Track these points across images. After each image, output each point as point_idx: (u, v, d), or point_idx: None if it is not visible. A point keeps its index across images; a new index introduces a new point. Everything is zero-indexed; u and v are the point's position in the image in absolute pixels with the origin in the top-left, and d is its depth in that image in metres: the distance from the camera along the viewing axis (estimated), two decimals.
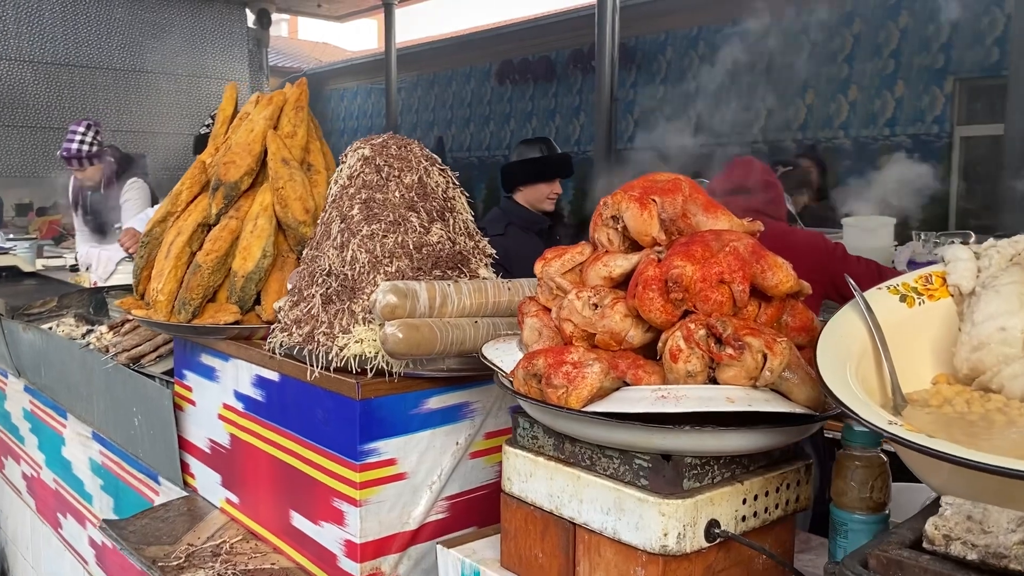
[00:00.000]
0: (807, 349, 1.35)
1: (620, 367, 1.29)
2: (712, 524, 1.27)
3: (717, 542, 1.28)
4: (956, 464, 0.91)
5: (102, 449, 2.91)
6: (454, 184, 1.95)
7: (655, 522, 1.24)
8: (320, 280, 1.86)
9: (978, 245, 1.37)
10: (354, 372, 1.75)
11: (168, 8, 10.17)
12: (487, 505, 1.89)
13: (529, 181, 4.09)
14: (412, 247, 1.79)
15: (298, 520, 1.94)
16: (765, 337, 1.21)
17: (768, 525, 1.36)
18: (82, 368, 2.96)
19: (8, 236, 6.50)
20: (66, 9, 9.54)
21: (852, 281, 1.31)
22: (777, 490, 1.37)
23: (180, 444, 2.42)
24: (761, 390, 1.23)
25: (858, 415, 1.03)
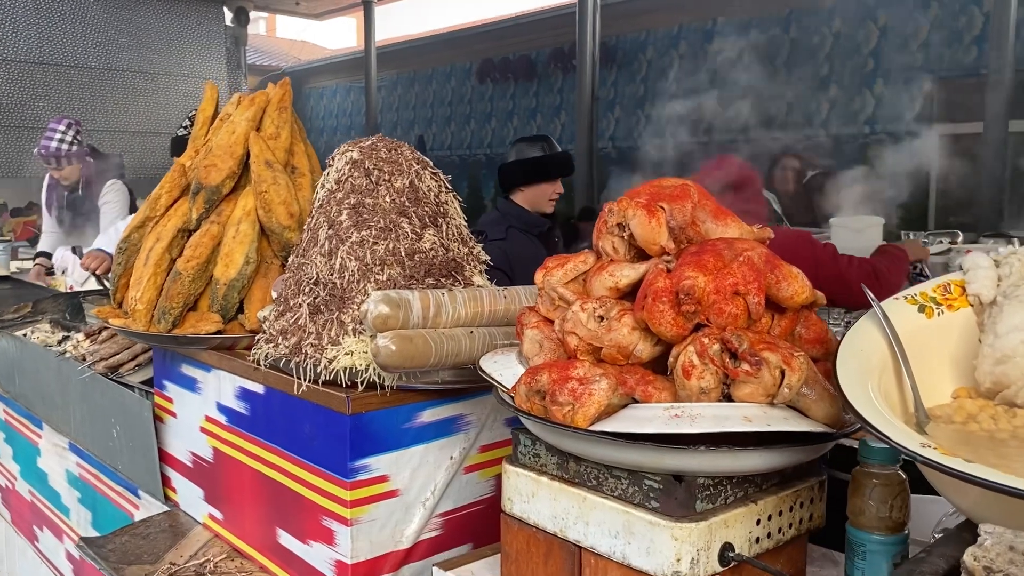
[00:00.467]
0: (822, 362, 1.29)
1: (629, 383, 1.23)
2: (726, 547, 1.21)
3: (731, 566, 1.22)
4: (1001, 492, 0.86)
5: (79, 461, 2.82)
6: (446, 188, 1.87)
7: (667, 547, 1.18)
8: (307, 289, 1.78)
9: (998, 252, 1.32)
10: (344, 385, 1.67)
11: (144, 6, 9.99)
12: (482, 521, 1.83)
13: (531, 181, 3.94)
14: (404, 254, 1.72)
15: (285, 538, 1.86)
16: (782, 352, 1.15)
17: (781, 546, 1.31)
18: (58, 377, 2.86)
19: None
20: (40, 6, 9.34)
21: (870, 292, 1.26)
22: (791, 509, 1.31)
23: (161, 457, 2.33)
24: (778, 407, 1.17)
25: (888, 438, 0.97)
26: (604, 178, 8.95)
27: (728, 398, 1.19)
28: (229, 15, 11.14)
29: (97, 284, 3.85)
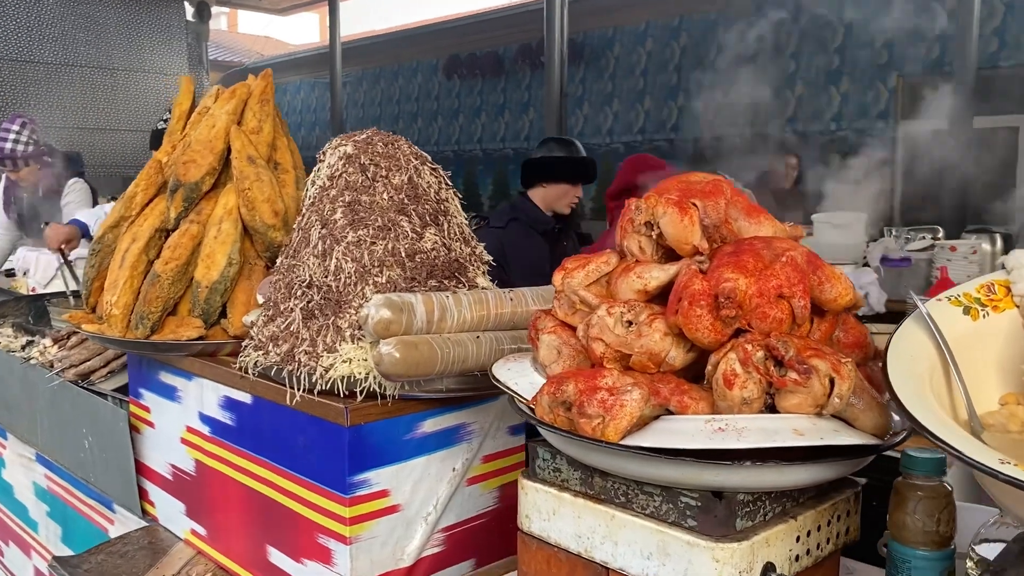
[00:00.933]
0: (863, 367, 1.22)
1: (662, 393, 1.14)
2: (768, 568, 1.13)
3: None
4: None
5: (48, 473, 2.68)
6: (446, 184, 1.78)
7: (707, 568, 1.09)
8: (299, 292, 1.67)
9: None
10: (341, 395, 1.57)
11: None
12: (485, 536, 1.74)
13: (554, 180, 3.90)
14: (404, 255, 1.62)
15: (277, 556, 1.76)
16: (831, 359, 1.07)
17: (820, 562, 1.23)
18: (23, 384, 2.72)
19: None
20: None
21: (915, 295, 1.19)
22: (828, 523, 1.24)
23: (137, 469, 2.21)
24: (826, 419, 1.09)
25: (964, 455, 0.89)
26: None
27: (771, 408, 1.11)
28: (190, 10, 10.91)
29: (64, 280, 3.63)
